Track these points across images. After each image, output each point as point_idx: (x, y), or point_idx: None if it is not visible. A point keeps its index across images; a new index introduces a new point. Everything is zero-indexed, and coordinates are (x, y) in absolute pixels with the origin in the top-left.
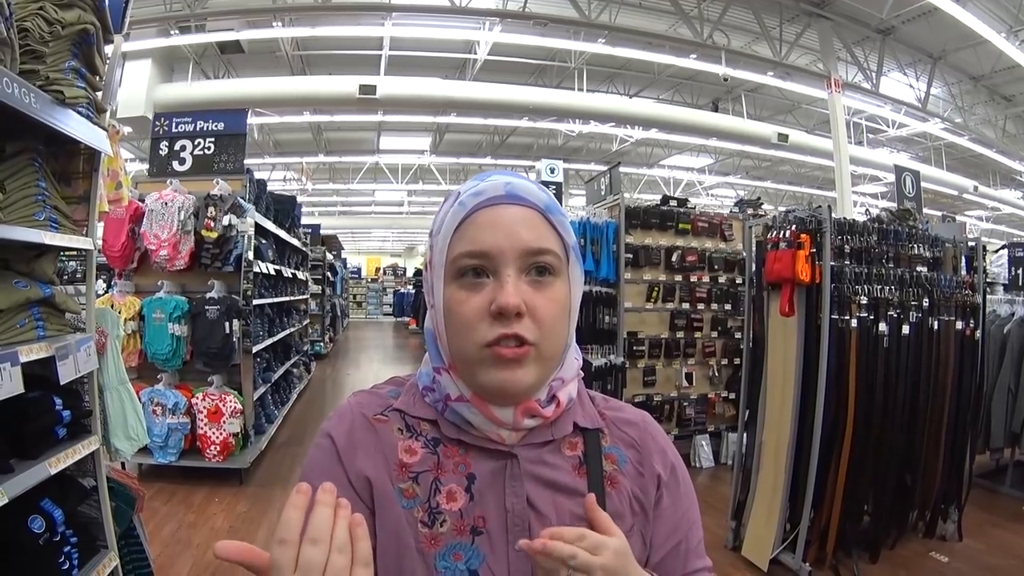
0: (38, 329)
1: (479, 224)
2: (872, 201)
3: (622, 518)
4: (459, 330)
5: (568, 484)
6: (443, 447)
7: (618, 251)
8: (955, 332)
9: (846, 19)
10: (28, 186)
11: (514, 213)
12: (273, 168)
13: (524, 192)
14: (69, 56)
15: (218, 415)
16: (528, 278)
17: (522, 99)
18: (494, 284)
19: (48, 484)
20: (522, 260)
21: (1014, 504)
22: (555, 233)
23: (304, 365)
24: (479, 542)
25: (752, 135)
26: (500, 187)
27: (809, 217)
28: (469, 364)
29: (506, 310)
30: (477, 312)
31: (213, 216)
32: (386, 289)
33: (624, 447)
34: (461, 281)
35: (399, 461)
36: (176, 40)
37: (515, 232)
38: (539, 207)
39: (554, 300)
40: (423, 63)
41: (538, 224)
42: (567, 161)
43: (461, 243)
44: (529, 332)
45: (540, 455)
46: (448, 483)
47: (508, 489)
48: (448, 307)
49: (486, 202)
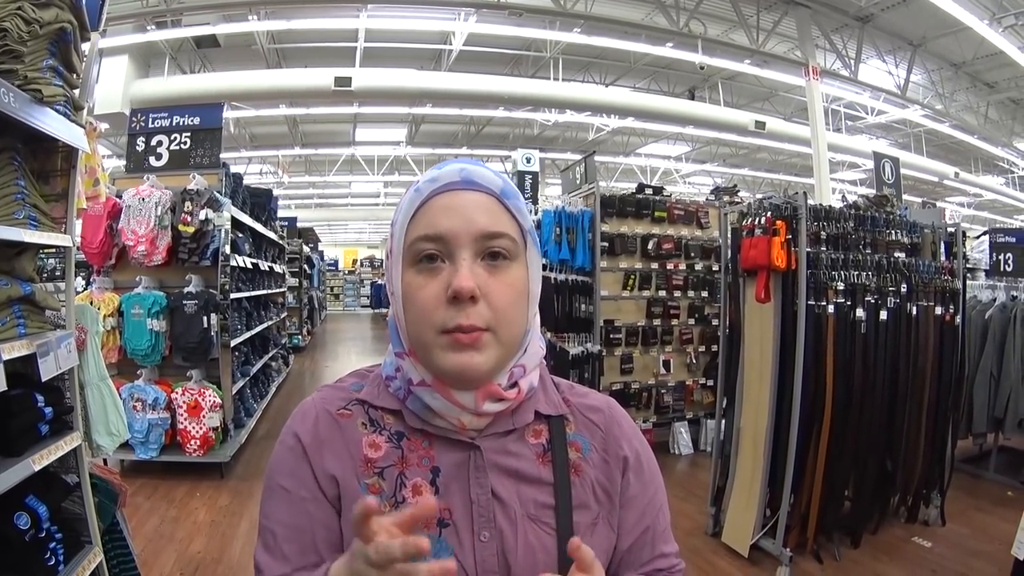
0: (19, 327)
1: (435, 209)
2: (851, 188)
3: (587, 508)
4: (417, 316)
5: (532, 473)
6: (407, 440)
7: (594, 239)
8: (934, 318)
9: (824, 6)
10: (7, 185)
11: (469, 198)
12: (249, 162)
13: (479, 177)
14: (47, 55)
15: (198, 410)
16: (484, 263)
17: (498, 89)
18: (450, 268)
19: (32, 481)
20: (477, 244)
21: (997, 489)
22: (511, 217)
23: (282, 358)
24: (446, 534)
25: (729, 123)
26: (455, 173)
27: (784, 204)
28: (427, 349)
29: (460, 293)
30: (434, 297)
31: (190, 211)
32: (363, 281)
33: (588, 434)
34: (418, 267)
35: (364, 456)
36: (152, 35)
37: (470, 216)
38: (494, 192)
39: (510, 284)
40: (398, 55)
41: (493, 208)
42: (543, 150)
43: (417, 228)
44: (483, 319)
45: (503, 444)
46: (413, 476)
47: (472, 480)
48: (406, 293)
49: (442, 188)
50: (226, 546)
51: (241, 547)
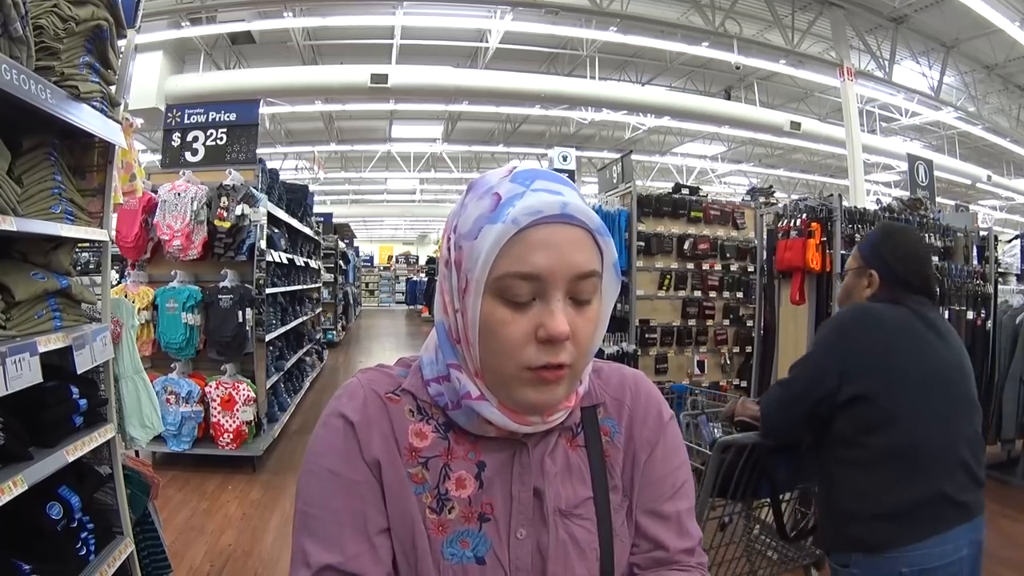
0: (55, 320)
1: (531, 244)
2: (885, 190)
3: (617, 491)
4: (501, 351)
5: (571, 467)
6: (453, 433)
7: (630, 239)
8: (965, 322)
9: (858, 7)
10: (45, 180)
11: (567, 235)
12: (285, 157)
13: (579, 213)
14: (83, 52)
15: (231, 403)
16: (571, 301)
17: (534, 87)
18: (540, 307)
19: (65, 471)
20: (571, 284)
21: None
22: (599, 254)
23: (317, 353)
24: (486, 529)
25: (764, 123)
26: (556, 206)
27: (820, 206)
28: (507, 382)
29: (556, 339)
30: (523, 336)
31: (226, 206)
32: (398, 277)
33: (616, 415)
34: (504, 299)
35: (409, 445)
36: (187, 32)
37: (568, 255)
38: (591, 228)
39: (592, 320)
40: (435, 51)
41: (588, 246)
42: (580, 149)
43: (508, 260)
44: (570, 357)
45: (549, 441)
46: (458, 469)
47: (516, 477)
48: (487, 324)
49: (540, 220)
50: (257, 540)
51: (272, 541)
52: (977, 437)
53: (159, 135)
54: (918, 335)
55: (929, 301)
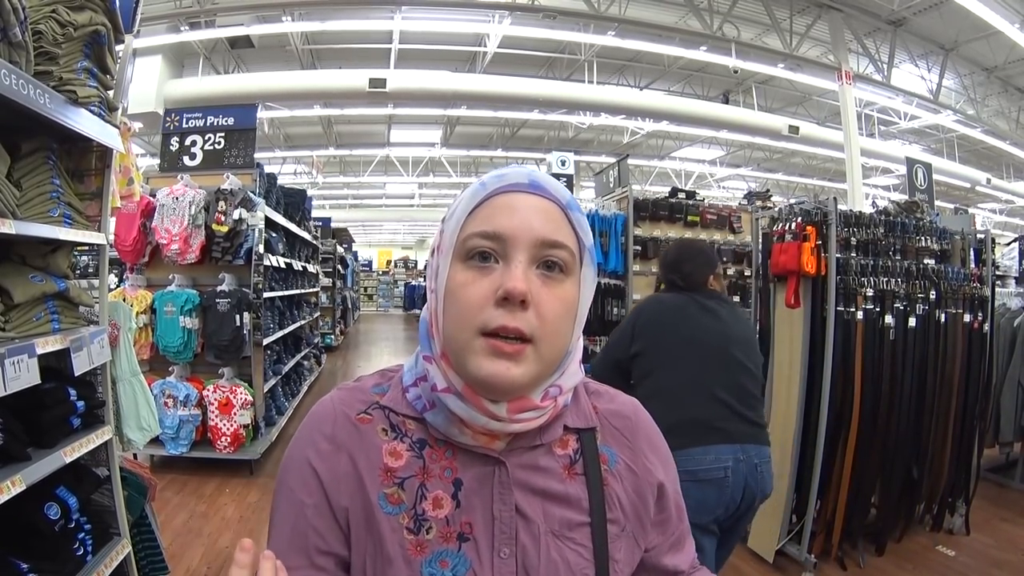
0: (53, 322)
1: (497, 206)
2: (884, 193)
3: (617, 523)
4: (459, 313)
5: (560, 491)
6: (429, 449)
7: (627, 243)
8: (963, 325)
9: (857, 10)
10: (43, 183)
11: (534, 202)
12: (283, 162)
13: (547, 184)
14: (81, 56)
15: (229, 407)
16: (538, 271)
17: (532, 92)
18: (503, 269)
19: (63, 472)
20: (535, 250)
21: (1023, 499)
22: (572, 230)
23: (315, 357)
24: (465, 549)
25: (763, 127)
26: (524, 175)
27: (815, 209)
28: (463, 351)
29: (512, 295)
30: (482, 296)
31: (224, 210)
32: (397, 282)
33: (615, 445)
34: (468, 263)
35: (384, 465)
36: (186, 36)
37: (532, 220)
38: (560, 201)
39: (561, 298)
40: (433, 56)
41: (557, 217)
42: (578, 153)
43: (475, 223)
44: (529, 326)
45: (530, 460)
46: (434, 489)
47: (496, 496)
48: (450, 289)
49: (507, 187)
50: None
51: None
52: (743, 389)
53: (158, 139)
54: (689, 314)
55: (717, 296)
